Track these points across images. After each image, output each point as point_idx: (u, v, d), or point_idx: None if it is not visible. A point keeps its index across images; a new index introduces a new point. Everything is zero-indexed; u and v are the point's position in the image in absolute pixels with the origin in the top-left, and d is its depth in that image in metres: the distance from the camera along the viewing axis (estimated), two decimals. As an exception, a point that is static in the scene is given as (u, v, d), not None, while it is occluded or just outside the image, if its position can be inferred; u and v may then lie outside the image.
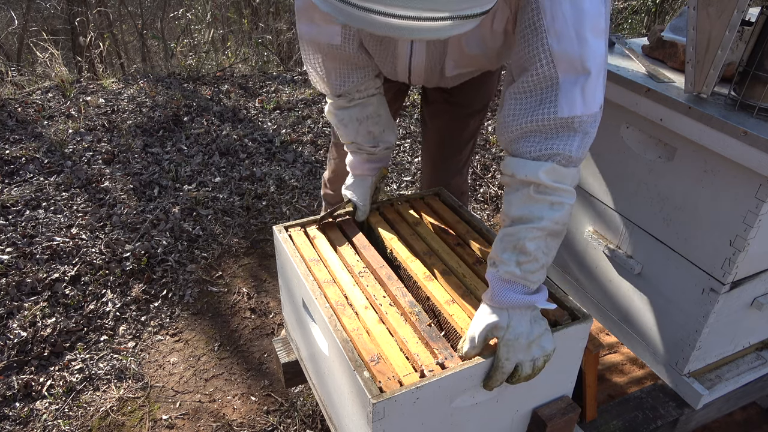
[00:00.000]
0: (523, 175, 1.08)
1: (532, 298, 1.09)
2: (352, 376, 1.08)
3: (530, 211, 1.08)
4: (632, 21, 6.94)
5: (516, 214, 1.09)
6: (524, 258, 1.08)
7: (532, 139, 1.08)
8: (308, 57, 1.41)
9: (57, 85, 4.15)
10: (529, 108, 1.07)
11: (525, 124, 1.08)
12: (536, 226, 1.07)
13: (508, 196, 1.12)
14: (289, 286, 1.50)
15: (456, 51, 1.36)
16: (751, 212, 1.27)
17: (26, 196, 2.94)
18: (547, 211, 1.07)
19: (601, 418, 1.58)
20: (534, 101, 1.07)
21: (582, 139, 1.07)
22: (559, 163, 1.06)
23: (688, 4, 1.27)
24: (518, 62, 1.10)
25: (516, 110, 1.09)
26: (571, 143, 1.06)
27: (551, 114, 1.05)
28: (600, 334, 1.96)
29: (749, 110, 1.28)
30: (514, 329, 1.08)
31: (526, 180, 1.08)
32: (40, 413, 1.98)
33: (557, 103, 1.04)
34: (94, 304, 2.41)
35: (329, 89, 1.44)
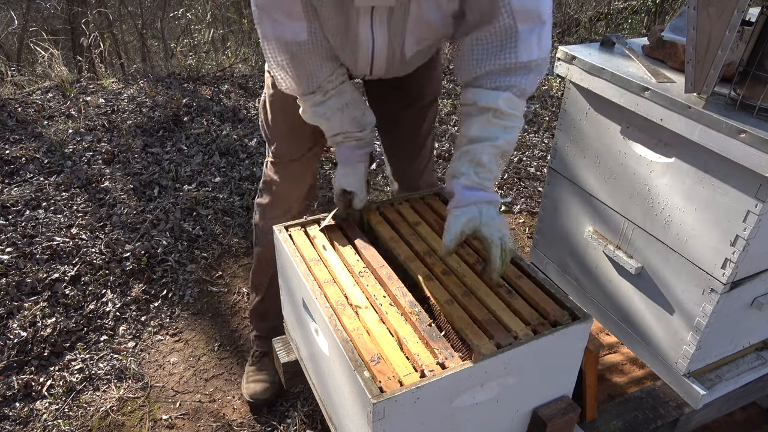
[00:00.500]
0: (484, 102, 1.26)
1: (492, 194, 1.29)
2: (352, 376, 1.08)
3: (488, 132, 1.27)
4: (632, 21, 6.94)
5: (474, 134, 1.28)
6: (481, 169, 1.27)
7: (493, 75, 1.27)
8: (275, 58, 1.36)
9: (57, 85, 4.15)
10: (492, 54, 1.25)
11: (488, 67, 1.26)
12: (492, 144, 1.27)
13: (469, 119, 1.30)
14: (289, 286, 1.50)
15: (416, 24, 1.34)
16: (751, 212, 1.27)
17: (26, 196, 2.94)
18: (501, 132, 1.27)
19: (601, 418, 1.58)
20: (495, 48, 1.25)
21: (535, 75, 1.27)
22: (514, 94, 1.26)
23: (688, 4, 1.27)
24: (477, 16, 1.25)
25: (479, 56, 1.27)
26: (526, 79, 1.26)
27: (512, 59, 1.23)
28: (600, 334, 1.97)
29: (749, 110, 1.28)
30: (486, 215, 1.26)
31: (486, 106, 1.26)
32: (40, 413, 1.98)
33: (517, 50, 1.23)
34: (94, 304, 2.41)
35: (301, 88, 1.40)
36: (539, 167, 3.64)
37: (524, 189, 3.41)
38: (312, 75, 1.38)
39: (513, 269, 1.36)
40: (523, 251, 2.89)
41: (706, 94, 1.33)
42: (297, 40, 1.30)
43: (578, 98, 1.65)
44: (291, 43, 1.32)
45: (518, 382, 1.19)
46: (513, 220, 3.15)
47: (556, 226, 1.88)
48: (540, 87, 4.84)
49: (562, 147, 1.75)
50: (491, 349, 1.13)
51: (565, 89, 1.69)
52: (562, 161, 1.77)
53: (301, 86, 1.39)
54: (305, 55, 1.34)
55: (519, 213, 3.21)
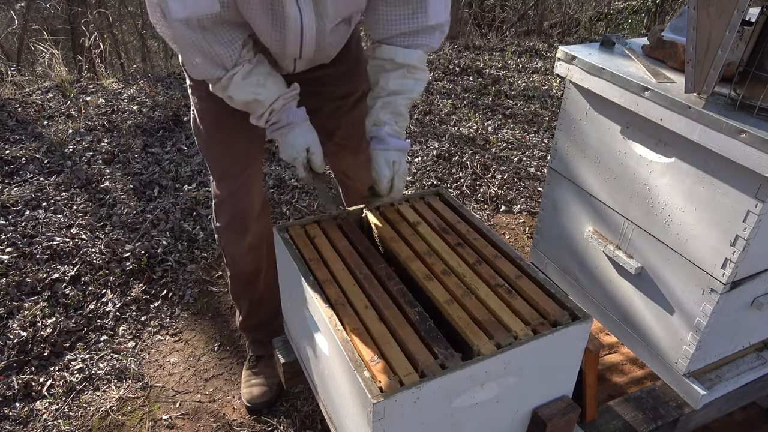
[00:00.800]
0: (401, 59, 1.43)
1: (406, 143, 1.51)
2: (352, 376, 1.08)
3: (404, 85, 1.46)
4: (632, 21, 6.94)
5: (393, 88, 1.46)
6: (400, 119, 1.49)
7: (406, 36, 1.43)
8: (188, 39, 1.28)
9: (57, 85, 4.15)
10: (404, 17, 1.40)
11: (400, 29, 1.41)
12: (408, 96, 1.47)
13: (386, 74, 1.46)
14: (289, 286, 1.50)
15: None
16: (751, 212, 1.27)
17: (26, 196, 2.94)
18: (414, 85, 1.47)
19: (601, 418, 1.58)
20: (408, 12, 1.39)
21: (440, 35, 1.46)
22: (425, 51, 1.45)
23: (688, 4, 1.27)
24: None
25: (392, 18, 1.40)
26: (434, 38, 1.45)
27: (423, 23, 1.40)
28: (600, 334, 1.97)
29: (749, 110, 1.28)
30: (400, 165, 1.49)
31: (402, 63, 1.44)
32: (40, 413, 1.98)
33: (427, 14, 1.39)
34: (94, 304, 2.41)
35: (223, 63, 1.34)
36: (539, 167, 3.64)
37: (524, 189, 3.41)
38: (231, 44, 1.33)
39: (513, 269, 1.36)
40: (523, 251, 2.89)
41: (706, 94, 1.33)
42: (211, 12, 1.25)
43: (578, 98, 1.65)
44: (204, 17, 1.25)
45: (518, 382, 1.19)
46: (513, 220, 3.16)
47: (556, 226, 1.88)
48: (540, 87, 4.84)
49: (562, 147, 1.75)
50: (491, 349, 1.13)
51: (565, 89, 1.69)
52: (562, 161, 1.77)
53: (222, 62, 1.33)
54: (220, 26, 1.29)
55: (519, 213, 3.21)
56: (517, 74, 5.16)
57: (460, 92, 4.60)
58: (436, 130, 3.99)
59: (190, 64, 1.35)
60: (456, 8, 7.26)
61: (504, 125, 4.15)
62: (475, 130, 4.02)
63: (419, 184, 3.36)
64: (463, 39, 6.38)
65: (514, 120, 4.25)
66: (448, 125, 4.07)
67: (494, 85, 4.82)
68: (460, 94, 4.58)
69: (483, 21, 7.88)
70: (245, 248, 1.82)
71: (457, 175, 3.47)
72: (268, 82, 1.40)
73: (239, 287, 1.94)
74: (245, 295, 1.95)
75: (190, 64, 1.35)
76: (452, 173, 3.49)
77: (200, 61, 1.33)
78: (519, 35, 7.23)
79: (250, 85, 1.38)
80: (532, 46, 6.12)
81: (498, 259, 1.40)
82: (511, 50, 5.78)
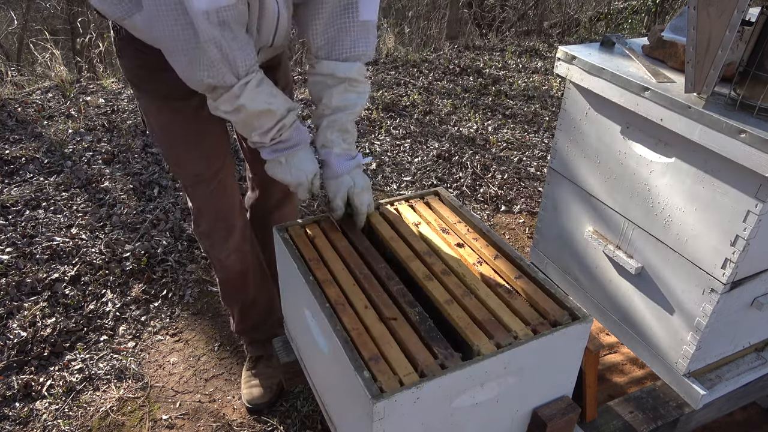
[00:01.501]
0: (341, 73, 1.41)
1: (357, 160, 1.48)
2: (352, 376, 1.08)
3: (348, 100, 1.43)
4: (632, 21, 6.94)
5: (336, 104, 1.43)
6: (347, 135, 1.46)
7: (341, 43, 1.39)
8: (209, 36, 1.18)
9: (57, 85, 4.15)
10: (336, 14, 1.37)
11: (333, 26, 1.38)
12: (352, 111, 1.44)
13: (328, 90, 1.43)
14: (290, 286, 1.50)
15: None
16: (751, 212, 1.27)
17: (26, 196, 2.94)
18: (357, 99, 1.44)
19: (601, 418, 1.58)
20: (339, 9, 1.37)
21: (373, 40, 1.43)
22: (363, 63, 1.43)
23: (688, 4, 1.27)
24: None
25: (325, 17, 1.37)
26: (369, 44, 1.42)
27: (355, 18, 1.37)
28: (600, 334, 1.96)
29: (749, 110, 1.28)
30: (358, 183, 1.47)
31: (344, 77, 1.41)
32: (40, 413, 1.98)
33: (358, 9, 1.37)
34: (94, 304, 2.41)
35: (237, 69, 1.25)
36: (539, 167, 3.64)
37: (524, 189, 3.41)
38: (246, 47, 1.26)
39: (513, 269, 1.36)
40: (523, 251, 2.89)
41: (706, 94, 1.33)
42: (228, 4, 1.17)
43: (578, 98, 1.65)
44: (223, 8, 1.17)
45: (518, 382, 1.19)
46: (513, 220, 3.16)
47: (556, 226, 1.88)
48: (540, 87, 4.84)
49: (562, 147, 1.75)
50: (491, 349, 1.13)
51: (565, 89, 1.69)
52: (562, 161, 1.77)
53: (238, 67, 1.26)
54: (235, 24, 1.22)
55: (519, 213, 3.21)
56: (517, 74, 5.16)
57: (460, 92, 4.60)
58: (436, 130, 3.99)
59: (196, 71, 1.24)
60: (456, 8, 7.26)
61: (504, 125, 4.15)
62: (475, 130, 4.02)
63: (419, 184, 3.36)
64: (463, 39, 6.39)
65: (514, 120, 4.25)
66: (448, 125, 4.07)
67: (494, 85, 4.82)
68: (460, 94, 4.58)
69: (483, 21, 7.88)
70: (230, 250, 1.79)
71: (457, 175, 3.47)
72: (278, 92, 1.35)
73: (230, 291, 1.93)
74: (237, 298, 1.93)
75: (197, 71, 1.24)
76: (452, 173, 3.49)
77: (209, 64, 1.22)
78: (519, 35, 7.23)
79: (264, 93, 1.31)
80: (532, 46, 6.12)
81: (498, 259, 1.40)
82: (511, 50, 5.78)
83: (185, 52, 1.22)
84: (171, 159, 1.67)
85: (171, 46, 1.23)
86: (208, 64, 1.23)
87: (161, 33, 1.21)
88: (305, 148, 1.44)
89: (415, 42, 6.61)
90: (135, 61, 1.49)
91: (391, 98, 4.35)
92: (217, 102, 1.31)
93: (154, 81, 1.49)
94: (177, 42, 1.21)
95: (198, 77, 1.25)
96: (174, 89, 1.39)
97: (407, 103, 4.32)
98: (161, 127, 1.60)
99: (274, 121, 1.35)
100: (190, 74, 1.26)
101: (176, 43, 1.21)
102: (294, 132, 1.40)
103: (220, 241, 1.77)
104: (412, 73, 4.96)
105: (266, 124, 1.35)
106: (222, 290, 1.95)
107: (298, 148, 1.42)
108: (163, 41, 1.23)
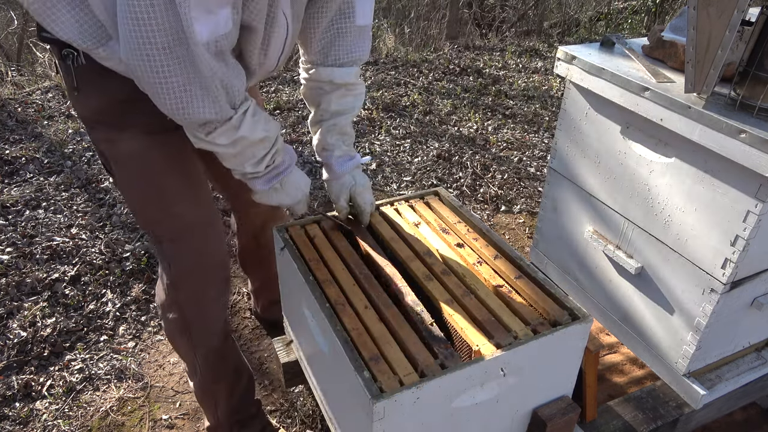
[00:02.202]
0: (340, 79, 1.41)
1: (357, 160, 1.50)
2: (352, 376, 1.08)
3: (346, 104, 1.44)
4: (632, 21, 6.94)
5: (335, 108, 1.44)
6: (347, 138, 1.48)
7: (337, 48, 1.39)
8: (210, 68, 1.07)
9: (57, 85, 4.15)
10: (333, 20, 1.36)
11: (329, 32, 1.37)
12: (351, 114, 1.46)
13: (327, 96, 1.43)
14: (290, 286, 1.50)
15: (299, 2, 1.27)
16: (751, 212, 1.27)
17: (26, 196, 2.94)
18: (355, 101, 1.46)
19: (601, 418, 1.58)
20: (337, 15, 1.36)
21: (369, 43, 1.43)
22: (359, 66, 1.43)
23: (688, 4, 1.27)
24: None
25: (324, 24, 1.36)
26: (365, 48, 1.42)
27: (351, 22, 1.36)
28: (600, 334, 1.96)
29: (749, 110, 1.28)
30: (359, 182, 1.48)
31: (341, 83, 1.41)
32: (40, 413, 1.98)
33: (354, 14, 1.36)
34: (94, 304, 2.41)
35: (233, 99, 1.16)
36: (539, 167, 3.64)
37: (524, 189, 3.41)
38: (240, 75, 1.18)
39: (513, 269, 1.36)
40: (523, 251, 2.89)
41: (706, 94, 1.33)
42: (225, 32, 1.07)
43: (578, 98, 1.65)
44: (220, 38, 1.07)
45: (518, 382, 1.19)
46: (513, 220, 3.16)
47: (556, 226, 1.88)
48: (540, 87, 4.84)
49: (562, 147, 1.75)
50: (491, 349, 1.13)
51: (565, 89, 1.69)
52: (562, 161, 1.77)
53: (235, 97, 1.17)
54: (227, 50, 1.12)
55: (519, 213, 3.21)
56: (517, 74, 5.16)
57: (460, 92, 4.60)
58: (436, 130, 3.99)
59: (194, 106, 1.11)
60: (456, 8, 7.26)
61: (504, 125, 4.15)
62: (475, 130, 4.02)
63: (419, 184, 3.36)
64: (463, 39, 6.38)
65: (514, 120, 4.25)
66: (448, 125, 4.07)
67: (494, 85, 4.82)
68: (460, 94, 4.58)
69: (483, 21, 7.88)
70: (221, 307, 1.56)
71: (457, 175, 3.47)
72: (268, 116, 1.27)
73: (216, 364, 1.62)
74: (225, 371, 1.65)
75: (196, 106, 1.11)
76: (452, 173, 3.49)
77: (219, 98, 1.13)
78: (519, 35, 7.23)
79: (260, 121, 1.23)
80: (532, 46, 6.12)
81: (498, 259, 1.40)
82: (511, 50, 5.78)
83: (181, 87, 1.07)
84: (154, 208, 1.40)
85: (161, 81, 1.06)
86: (212, 98, 1.11)
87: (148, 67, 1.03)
88: (295, 165, 1.38)
89: (415, 42, 6.61)
90: (104, 95, 1.26)
91: (391, 98, 4.34)
92: (211, 136, 1.18)
93: (133, 114, 1.27)
94: (171, 77, 1.05)
95: (196, 113, 1.12)
96: (160, 120, 1.21)
97: (407, 103, 4.32)
98: (144, 169, 1.35)
99: (267, 149, 1.26)
100: (183, 110, 1.11)
101: (171, 78, 1.05)
102: (286, 154, 1.34)
103: (212, 301, 1.52)
104: (412, 73, 4.95)
105: (261, 152, 1.26)
106: (204, 372, 1.61)
107: (291, 169, 1.36)
108: (149, 76, 1.05)
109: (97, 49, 1.14)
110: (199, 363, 1.59)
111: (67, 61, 1.21)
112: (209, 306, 1.53)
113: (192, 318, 1.52)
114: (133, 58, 1.03)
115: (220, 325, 1.59)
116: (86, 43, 1.13)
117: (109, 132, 1.31)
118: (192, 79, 1.07)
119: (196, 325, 1.53)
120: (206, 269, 1.49)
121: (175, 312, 1.51)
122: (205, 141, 1.20)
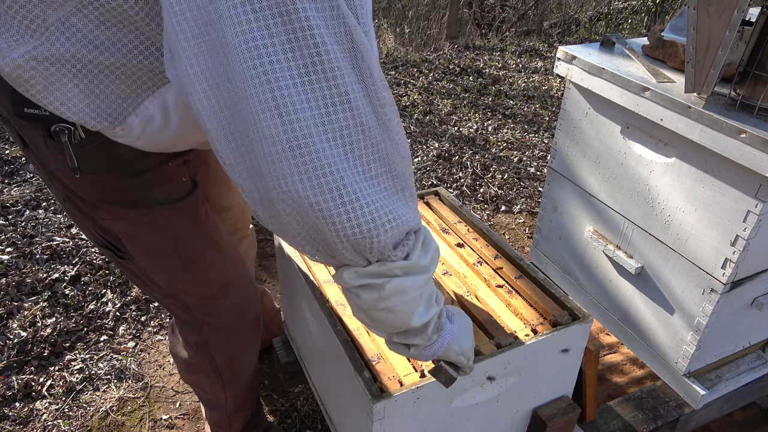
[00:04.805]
0: None
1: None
2: (352, 376, 1.08)
3: None
4: (632, 21, 6.94)
5: None
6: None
7: None
8: (401, 138, 0.79)
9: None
10: None
11: None
12: None
13: None
14: (290, 286, 1.50)
15: None
16: (751, 212, 1.27)
17: (26, 196, 2.94)
18: None
19: (601, 418, 1.58)
20: None
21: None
22: None
23: (688, 4, 1.27)
24: None
25: None
26: None
27: None
28: (600, 334, 1.96)
29: (749, 110, 1.28)
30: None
31: None
32: (40, 413, 1.98)
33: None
34: (94, 304, 2.41)
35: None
36: (539, 167, 3.64)
37: (524, 189, 3.41)
38: None
39: (513, 269, 1.36)
40: (523, 251, 2.89)
41: (706, 94, 1.33)
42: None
43: (578, 98, 1.65)
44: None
45: (518, 382, 1.19)
46: (513, 220, 3.16)
47: (556, 226, 1.88)
48: (540, 87, 4.84)
49: (562, 147, 1.75)
50: (491, 349, 1.13)
51: (565, 89, 1.69)
52: (562, 161, 1.77)
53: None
54: None
55: (519, 213, 3.21)
56: (517, 74, 5.16)
57: (460, 92, 4.60)
58: (436, 130, 3.99)
59: (390, 208, 0.75)
60: (456, 8, 7.26)
61: (504, 125, 4.15)
62: (475, 130, 4.02)
63: (419, 184, 3.36)
64: (463, 39, 6.39)
65: (514, 120, 4.25)
66: (448, 125, 4.07)
67: (494, 85, 4.82)
68: (460, 94, 4.58)
69: (483, 21, 7.88)
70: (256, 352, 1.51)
71: (457, 175, 3.47)
72: None
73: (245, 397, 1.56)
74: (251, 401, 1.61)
75: (392, 207, 0.76)
76: (452, 173, 3.49)
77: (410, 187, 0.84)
78: (519, 35, 7.23)
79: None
80: (532, 46, 6.12)
81: (498, 259, 1.40)
82: (511, 50, 5.78)
83: (374, 174, 0.72)
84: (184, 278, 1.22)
85: (350, 168, 0.69)
86: (410, 190, 0.78)
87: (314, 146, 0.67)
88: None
89: (415, 42, 6.62)
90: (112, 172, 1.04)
91: (391, 98, 4.34)
92: (413, 257, 0.79)
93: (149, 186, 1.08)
94: (365, 158, 0.70)
95: (401, 217, 0.75)
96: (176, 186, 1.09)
97: (407, 103, 4.32)
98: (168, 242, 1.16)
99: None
100: (380, 217, 0.72)
101: (364, 159, 0.70)
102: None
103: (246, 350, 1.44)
104: (412, 73, 4.95)
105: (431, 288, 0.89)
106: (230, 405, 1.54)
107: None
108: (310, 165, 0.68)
109: (114, 129, 0.92)
110: (228, 400, 1.51)
111: (60, 138, 0.95)
112: (244, 355, 1.43)
113: (223, 366, 1.41)
114: (281, 136, 0.65)
115: (253, 367, 1.51)
116: (102, 124, 0.90)
117: (119, 210, 1.09)
118: (390, 158, 0.69)
119: (226, 373, 1.42)
120: (244, 325, 1.37)
121: (205, 365, 1.39)
122: (396, 277, 0.77)
